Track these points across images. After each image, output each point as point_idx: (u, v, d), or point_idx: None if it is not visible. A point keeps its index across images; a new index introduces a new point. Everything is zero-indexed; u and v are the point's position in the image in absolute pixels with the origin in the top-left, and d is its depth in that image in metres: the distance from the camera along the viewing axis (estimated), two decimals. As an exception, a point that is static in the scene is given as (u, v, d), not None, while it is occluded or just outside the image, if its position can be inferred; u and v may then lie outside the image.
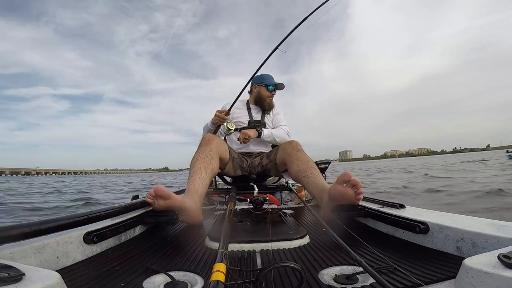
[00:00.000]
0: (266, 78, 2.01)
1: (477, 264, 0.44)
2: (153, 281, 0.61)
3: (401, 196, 4.61)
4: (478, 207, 3.21)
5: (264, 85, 2.00)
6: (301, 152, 1.45)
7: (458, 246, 0.69)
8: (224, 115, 1.77)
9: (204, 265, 0.70)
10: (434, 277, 0.56)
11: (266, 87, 1.99)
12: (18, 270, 0.41)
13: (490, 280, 0.41)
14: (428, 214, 0.87)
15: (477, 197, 3.88)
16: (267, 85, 1.99)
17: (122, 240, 0.94)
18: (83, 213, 0.81)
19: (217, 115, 1.78)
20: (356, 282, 0.58)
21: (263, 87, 2.00)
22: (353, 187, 1.00)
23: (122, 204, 1.04)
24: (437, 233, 0.75)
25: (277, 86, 2.02)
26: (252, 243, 0.84)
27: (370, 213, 1.04)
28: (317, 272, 0.64)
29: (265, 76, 2.03)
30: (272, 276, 0.58)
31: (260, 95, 2.00)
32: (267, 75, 2.03)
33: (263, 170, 1.71)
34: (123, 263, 0.73)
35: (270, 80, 2.02)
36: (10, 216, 3.79)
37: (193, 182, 1.22)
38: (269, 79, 2.02)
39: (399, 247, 0.81)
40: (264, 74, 2.04)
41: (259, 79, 2.02)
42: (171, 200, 1.03)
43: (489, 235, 0.63)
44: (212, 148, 1.41)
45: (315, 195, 1.27)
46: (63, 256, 0.69)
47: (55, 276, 0.44)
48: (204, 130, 1.92)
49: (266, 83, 2.00)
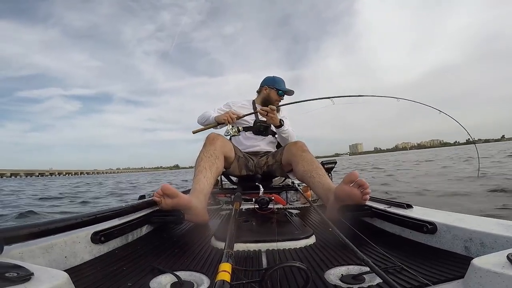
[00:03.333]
0: (278, 82, 2.01)
1: (486, 264, 0.43)
2: (160, 280, 0.62)
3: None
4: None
5: (276, 89, 1.99)
6: (306, 152, 1.45)
7: (466, 246, 0.68)
8: (235, 117, 1.75)
9: (210, 265, 0.70)
10: (442, 277, 0.56)
11: (277, 91, 1.98)
12: (27, 270, 0.42)
13: (499, 280, 0.40)
14: (436, 214, 0.86)
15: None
16: (278, 90, 1.98)
17: (129, 240, 0.95)
18: (91, 213, 0.82)
19: (228, 115, 1.74)
20: (362, 282, 0.58)
21: (274, 90, 1.99)
22: (360, 187, 0.99)
23: (129, 204, 1.05)
24: (445, 233, 0.74)
25: (287, 93, 2.02)
26: (258, 243, 0.84)
27: (376, 213, 1.03)
28: (323, 272, 0.64)
29: (277, 79, 2.03)
30: (277, 276, 0.58)
31: (269, 97, 1.99)
32: (279, 79, 2.03)
33: (269, 170, 1.70)
34: (130, 262, 0.73)
35: (281, 84, 2.01)
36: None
37: (198, 182, 1.23)
38: (280, 84, 2.01)
39: (406, 247, 0.80)
40: (276, 77, 2.04)
41: (271, 81, 2.02)
42: (178, 198, 1.04)
43: (498, 235, 0.62)
44: (216, 147, 1.41)
45: (321, 195, 1.26)
46: (71, 256, 0.70)
47: (63, 276, 0.45)
48: (203, 118, 1.91)
49: (277, 87, 1.99)
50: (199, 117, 1.98)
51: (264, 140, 1.91)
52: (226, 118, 1.74)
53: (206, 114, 1.93)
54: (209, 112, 1.93)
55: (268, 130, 1.89)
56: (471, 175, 5.15)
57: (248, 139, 1.91)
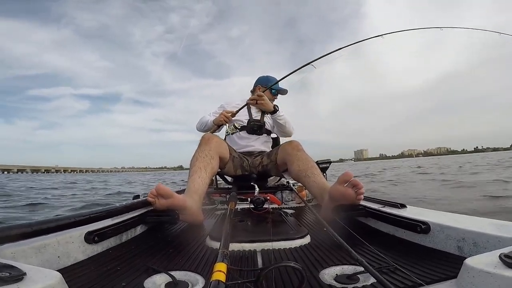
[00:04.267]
0: (272, 81, 2.01)
1: (479, 264, 0.44)
2: (154, 280, 0.61)
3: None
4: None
5: (269, 88, 1.99)
6: (301, 152, 1.45)
7: (459, 246, 0.69)
8: (230, 115, 1.79)
9: (205, 265, 0.70)
10: (435, 277, 0.56)
11: (270, 90, 1.99)
12: (19, 270, 0.41)
13: (492, 280, 0.41)
14: (429, 214, 0.87)
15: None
16: (272, 88, 1.99)
17: (123, 240, 0.94)
18: (84, 213, 0.81)
19: (224, 115, 1.79)
20: (357, 281, 0.58)
21: (267, 90, 2.00)
22: (354, 187, 1.00)
23: (123, 204, 1.04)
24: (438, 233, 0.75)
25: (280, 91, 2.03)
26: (253, 243, 0.84)
27: (371, 212, 1.04)
28: (318, 271, 0.64)
29: (270, 78, 2.03)
30: (273, 275, 0.58)
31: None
32: (273, 78, 2.03)
33: (264, 170, 1.71)
34: (124, 262, 0.73)
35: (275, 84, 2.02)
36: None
37: (193, 182, 1.22)
38: (273, 82, 2.01)
39: (400, 247, 0.81)
40: (270, 76, 2.05)
41: (264, 80, 2.03)
42: (172, 199, 1.03)
43: (490, 235, 0.63)
44: (211, 147, 1.41)
45: (316, 194, 1.27)
46: (64, 255, 0.69)
47: (56, 276, 0.44)
48: (202, 125, 1.93)
49: (271, 86, 2.00)
50: (197, 124, 1.98)
51: (259, 139, 1.91)
52: (223, 119, 1.78)
53: (203, 120, 1.93)
54: (206, 117, 1.94)
55: (262, 129, 1.90)
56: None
57: (242, 138, 1.91)
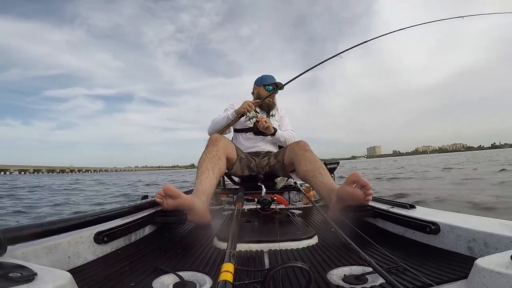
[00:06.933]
0: (265, 79, 2.06)
1: (490, 264, 0.43)
2: (162, 281, 0.62)
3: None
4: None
5: (263, 85, 2.04)
6: (309, 152, 1.45)
7: (469, 247, 0.68)
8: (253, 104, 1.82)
9: (212, 265, 0.70)
10: (445, 277, 0.55)
11: (264, 87, 2.03)
12: (30, 270, 0.42)
13: (503, 280, 0.40)
14: (439, 215, 0.86)
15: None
16: (265, 85, 2.03)
17: (132, 240, 0.95)
18: (94, 213, 0.82)
19: (247, 103, 1.81)
20: (365, 282, 0.58)
21: (262, 87, 2.04)
22: (362, 188, 0.99)
23: (132, 204, 1.05)
24: (448, 233, 0.74)
25: (275, 86, 2.04)
26: (260, 243, 0.84)
27: (379, 213, 1.03)
28: (325, 272, 0.63)
29: (264, 77, 2.08)
30: (280, 276, 0.58)
31: (259, 95, 2.03)
32: (266, 76, 2.08)
33: (271, 170, 1.71)
34: (132, 263, 0.74)
35: (268, 80, 2.05)
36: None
37: (201, 183, 1.23)
38: (267, 80, 2.05)
39: (409, 248, 0.79)
40: (264, 75, 2.09)
41: (259, 80, 2.08)
42: (180, 199, 1.04)
43: (501, 236, 0.61)
44: (219, 148, 1.42)
45: (324, 195, 1.26)
46: (74, 256, 0.70)
47: (67, 276, 0.45)
48: (216, 124, 1.91)
49: (264, 83, 2.04)
50: (210, 126, 1.96)
51: (265, 140, 1.93)
52: (245, 107, 1.80)
53: (218, 118, 1.92)
54: (220, 116, 1.93)
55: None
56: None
57: (249, 139, 1.93)
